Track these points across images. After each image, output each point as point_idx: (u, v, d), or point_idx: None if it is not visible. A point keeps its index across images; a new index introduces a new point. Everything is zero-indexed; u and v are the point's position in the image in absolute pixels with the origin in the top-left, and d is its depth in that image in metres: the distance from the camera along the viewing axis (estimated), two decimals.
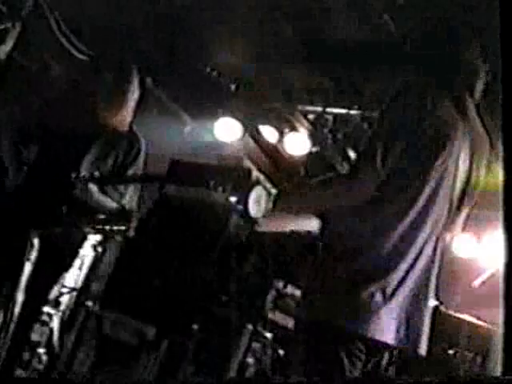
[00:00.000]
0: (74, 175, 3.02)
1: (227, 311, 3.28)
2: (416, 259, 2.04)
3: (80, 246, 3.32)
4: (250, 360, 2.98)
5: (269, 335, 2.95)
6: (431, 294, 2.09)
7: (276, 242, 3.47)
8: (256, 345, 2.99)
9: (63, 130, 3.17)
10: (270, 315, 3.00)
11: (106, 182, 3.11)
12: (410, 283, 2.03)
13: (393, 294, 1.99)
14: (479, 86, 2.24)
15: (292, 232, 3.35)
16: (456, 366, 2.83)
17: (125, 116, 3.16)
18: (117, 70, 3.09)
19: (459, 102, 2.18)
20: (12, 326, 2.24)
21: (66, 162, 3.09)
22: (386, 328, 1.97)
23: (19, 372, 3.25)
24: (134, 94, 3.15)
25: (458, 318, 3.07)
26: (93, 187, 3.04)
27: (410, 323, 2.01)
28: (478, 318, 3.26)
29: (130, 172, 3.30)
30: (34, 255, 2.36)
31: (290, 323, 3.01)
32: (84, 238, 3.01)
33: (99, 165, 3.17)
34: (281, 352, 2.90)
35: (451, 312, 3.07)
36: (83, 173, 3.09)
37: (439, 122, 2.07)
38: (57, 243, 2.92)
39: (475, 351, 3.03)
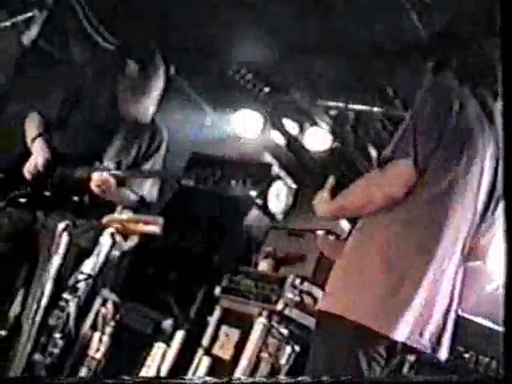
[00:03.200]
0: (96, 165, 3.04)
1: (241, 304, 3.29)
2: (443, 262, 2.02)
3: (100, 233, 3.34)
4: (265, 355, 2.98)
5: (285, 331, 2.95)
6: (456, 299, 2.06)
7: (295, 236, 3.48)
8: (271, 340, 2.99)
9: (87, 120, 3.19)
10: (287, 311, 3.00)
11: (126, 174, 3.11)
12: (438, 285, 2.00)
13: (419, 294, 1.97)
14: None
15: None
16: (471, 370, 2.81)
17: (148, 106, 3.16)
18: (141, 60, 3.08)
19: (485, 105, 2.16)
20: (38, 317, 2.27)
21: (89, 151, 3.10)
22: (410, 330, 1.96)
23: (37, 356, 3.29)
24: (158, 85, 3.14)
25: (475, 322, 3.05)
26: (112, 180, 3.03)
27: (433, 328, 2.00)
28: (494, 322, 3.24)
29: (151, 162, 3.31)
30: (62, 249, 2.37)
31: (306, 320, 3.01)
32: (104, 227, 3.02)
33: (122, 156, 3.18)
34: (297, 349, 2.90)
35: (467, 315, 3.05)
36: (106, 163, 3.10)
37: (466, 120, 2.05)
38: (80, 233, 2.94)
39: (490, 355, 3.01)
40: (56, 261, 2.29)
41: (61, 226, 2.36)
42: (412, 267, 1.96)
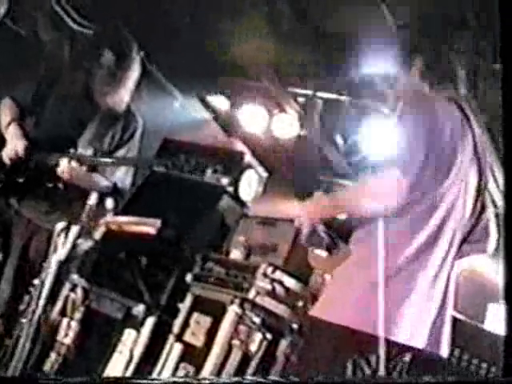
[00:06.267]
0: (71, 152, 3.03)
1: (213, 292, 3.33)
2: (440, 265, 2.08)
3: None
4: (236, 342, 3.03)
5: (257, 320, 3.00)
6: (450, 302, 2.12)
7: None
8: (242, 327, 3.04)
9: (61, 107, 3.17)
10: (258, 299, 3.04)
11: (98, 162, 3.12)
12: (435, 289, 2.06)
13: (419, 297, 2.02)
14: (481, 87, 2.26)
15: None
16: (464, 371, 2.84)
17: (123, 96, 3.16)
18: (118, 51, 3.07)
19: (462, 107, 2.19)
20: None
21: (63, 138, 3.09)
22: (408, 330, 2.00)
23: (7, 341, 3.29)
24: (134, 75, 3.14)
25: (469, 324, 3.07)
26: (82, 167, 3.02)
27: (432, 327, 2.05)
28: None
29: (125, 149, 3.32)
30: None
31: (278, 309, 3.06)
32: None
33: (96, 143, 3.18)
34: (268, 336, 2.95)
35: (462, 318, 3.07)
36: (80, 150, 3.10)
37: (449, 134, 2.09)
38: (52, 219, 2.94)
39: (482, 358, 3.02)
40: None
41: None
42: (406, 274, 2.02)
